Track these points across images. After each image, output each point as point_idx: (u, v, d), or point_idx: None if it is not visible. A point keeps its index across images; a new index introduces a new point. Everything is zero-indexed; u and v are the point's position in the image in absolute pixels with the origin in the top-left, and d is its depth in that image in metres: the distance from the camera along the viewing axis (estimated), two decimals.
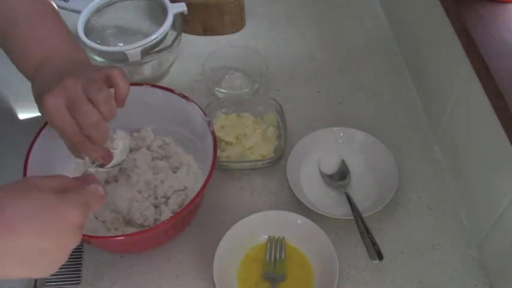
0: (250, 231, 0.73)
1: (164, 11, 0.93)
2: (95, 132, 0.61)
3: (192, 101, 0.76)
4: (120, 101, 0.63)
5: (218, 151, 0.75)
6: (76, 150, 0.65)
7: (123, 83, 0.63)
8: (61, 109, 0.60)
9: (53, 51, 0.67)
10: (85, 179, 0.55)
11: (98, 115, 0.60)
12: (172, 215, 0.70)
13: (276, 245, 0.73)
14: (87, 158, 0.66)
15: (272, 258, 0.72)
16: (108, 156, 0.66)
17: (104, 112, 0.60)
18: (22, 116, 0.93)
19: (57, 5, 0.76)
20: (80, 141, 0.62)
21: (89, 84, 0.60)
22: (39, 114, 0.91)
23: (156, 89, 0.78)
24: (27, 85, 0.95)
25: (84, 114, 0.59)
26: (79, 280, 0.73)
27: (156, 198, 0.75)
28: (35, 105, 0.92)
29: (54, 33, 0.70)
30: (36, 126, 0.73)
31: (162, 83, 0.94)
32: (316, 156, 0.84)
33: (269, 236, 0.74)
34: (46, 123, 0.73)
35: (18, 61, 0.69)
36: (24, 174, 0.68)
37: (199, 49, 1.01)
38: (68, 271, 0.73)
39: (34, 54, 0.67)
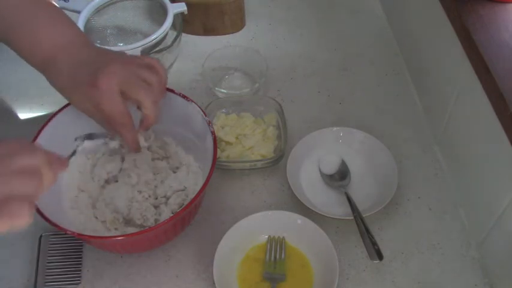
0: (250, 231, 0.73)
1: (164, 11, 0.93)
2: (153, 111, 0.66)
3: (192, 101, 0.76)
4: (163, 89, 0.69)
5: (218, 151, 0.75)
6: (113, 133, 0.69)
7: (163, 71, 0.69)
8: (115, 90, 0.63)
9: (68, 37, 0.68)
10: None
11: (156, 95, 0.66)
12: (172, 215, 0.70)
13: (276, 245, 0.73)
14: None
15: (272, 258, 0.72)
16: (137, 146, 0.71)
17: (160, 93, 0.67)
18: (22, 116, 0.93)
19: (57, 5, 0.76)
20: (126, 123, 0.66)
21: (139, 69, 0.65)
22: (39, 114, 0.92)
23: None
24: (27, 85, 0.96)
25: (145, 92, 0.64)
26: (79, 280, 0.73)
27: (156, 199, 0.75)
28: (35, 105, 0.94)
29: (62, 19, 0.70)
30: (36, 126, 0.73)
31: None
32: (316, 156, 0.84)
33: (269, 236, 0.74)
34: (46, 123, 0.73)
35: (27, 49, 0.68)
36: None
37: (199, 49, 1.01)
38: (68, 271, 0.73)
39: (47, 40, 0.67)
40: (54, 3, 0.74)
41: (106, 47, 0.87)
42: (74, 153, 0.62)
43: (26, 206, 0.47)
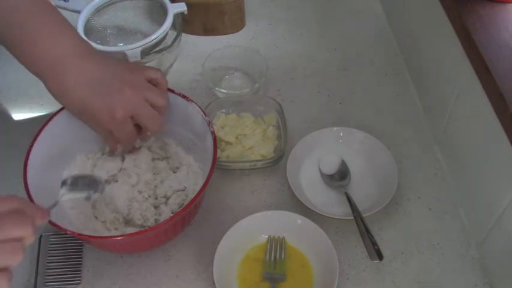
0: (250, 231, 0.73)
1: (164, 11, 0.93)
2: (157, 133, 0.71)
3: (192, 101, 0.76)
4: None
5: (218, 151, 0.75)
6: (114, 147, 0.73)
7: (166, 85, 0.73)
8: (129, 121, 0.67)
9: (69, 43, 0.67)
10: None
11: (162, 121, 0.70)
12: (172, 215, 0.70)
13: (276, 245, 0.73)
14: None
15: (272, 258, 0.72)
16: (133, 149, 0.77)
17: (165, 115, 0.71)
18: (22, 116, 0.93)
19: (57, 5, 0.75)
20: (131, 143, 0.72)
21: (148, 92, 0.68)
22: (39, 114, 0.92)
23: None
24: (27, 85, 0.96)
25: (154, 121, 0.69)
26: (79, 280, 0.73)
27: (156, 199, 0.75)
28: (35, 105, 0.94)
29: (61, 23, 0.69)
30: (36, 126, 0.73)
31: None
32: (316, 156, 0.84)
33: (269, 236, 0.74)
34: (46, 123, 0.73)
35: (26, 53, 0.67)
36: (24, 174, 0.68)
37: (199, 49, 1.01)
38: (68, 271, 0.73)
39: (46, 45, 0.66)
40: (54, 3, 0.73)
41: (106, 47, 0.88)
42: (55, 204, 0.61)
43: (5, 279, 0.47)
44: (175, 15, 0.93)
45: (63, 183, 0.66)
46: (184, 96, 0.77)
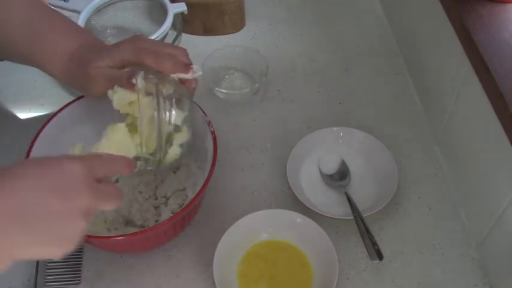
0: (250, 230, 0.73)
1: (164, 11, 0.93)
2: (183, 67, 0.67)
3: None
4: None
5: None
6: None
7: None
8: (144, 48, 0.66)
9: (82, 39, 0.69)
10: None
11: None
12: (172, 215, 0.70)
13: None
14: None
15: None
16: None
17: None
18: (22, 116, 0.93)
19: (57, 5, 0.76)
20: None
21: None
22: (39, 114, 0.92)
23: None
24: (27, 85, 0.96)
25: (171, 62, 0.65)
26: (79, 280, 0.73)
27: (156, 199, 0.76)
28: (35, 105, 0.94)
29: (67, 24, 0.70)
30: (36, 127, 0.73)
31: None
32: (316, 156, 0.84)
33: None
34: (46, 123, 0.73)
35: (46, 59, 0.68)
36: None
37: (199, 49, 1.01)
38: (68, 271, 0.73)
39: (63, 46, 0.67)
40: (54, 3, 0.73)
41: None
42: None
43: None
44: (175, 15, 0.93)
45: None
46: None
